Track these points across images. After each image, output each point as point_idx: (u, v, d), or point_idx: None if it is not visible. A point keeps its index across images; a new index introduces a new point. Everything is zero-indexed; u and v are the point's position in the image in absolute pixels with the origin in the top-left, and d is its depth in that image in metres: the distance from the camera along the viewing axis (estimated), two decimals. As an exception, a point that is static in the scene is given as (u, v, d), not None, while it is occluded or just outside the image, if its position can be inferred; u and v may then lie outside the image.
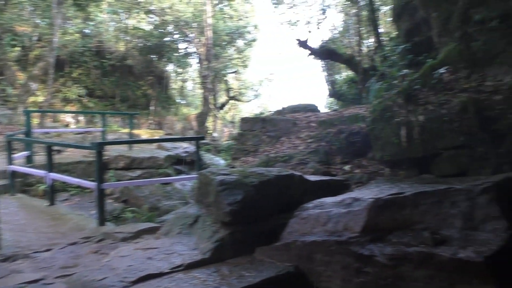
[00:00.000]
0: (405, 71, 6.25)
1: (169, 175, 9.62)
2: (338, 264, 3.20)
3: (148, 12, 21.06)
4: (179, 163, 10.92)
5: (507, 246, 2.72)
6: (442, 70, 5.86)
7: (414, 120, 5.50)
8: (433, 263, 2.75)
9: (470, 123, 4.98)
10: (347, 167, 6.91)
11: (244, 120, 11.20)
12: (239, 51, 25.88)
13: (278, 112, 13.15)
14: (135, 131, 14.39)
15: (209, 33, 20.42)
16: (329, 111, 14.68)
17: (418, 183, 4.09)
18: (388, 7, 15.27)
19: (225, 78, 26.79)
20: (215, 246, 3.85)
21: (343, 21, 19.43)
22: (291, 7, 19.46)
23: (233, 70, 27.11)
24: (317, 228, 3.63)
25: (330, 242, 3.30)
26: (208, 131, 22.20)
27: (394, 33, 13.38)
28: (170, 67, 24.63)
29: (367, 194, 3.72)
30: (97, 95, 18.88)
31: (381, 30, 15.63)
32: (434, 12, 7.08)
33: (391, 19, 12.51)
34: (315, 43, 19.81)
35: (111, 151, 10.06)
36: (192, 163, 10.13)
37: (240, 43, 25.41)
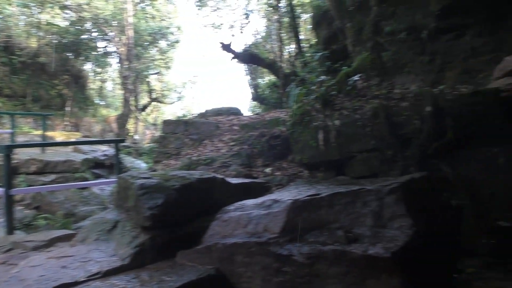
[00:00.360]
0: (323, 77, 6.55)
1: (86, 180, 9.20)
2: (258, 264, 3.27)
3: (63, 7, 19.96)
4: (97, 166, 10.49)
5: (411, 242, 2.95)
6: (356, 78, 6.22)
7: (331, 124, 5.77)
8: (346, 260, 2.91)
9: (380, 128, 5.33)
10: (268, 170, 7.07)
11: (167, 123, 11.04)
12: (162, 52, 25.39)
13: (201, 115, 13.11)
14: (49, 133, 13.55)
15: (130, 33, 19.84)
16: (251, 114, 14.91)
17: (334, 184, 4.28)
18: (308, 15, 15.82)
19: (147, 79, 26.12)
20: (135, 252, 3.76)
21: (266, 26, 19.81)
22: (215, 10, 19.52)
23: (156, 71, 26.53)
24: (238, 230, 3.68)
25: (251, 244, 3.37)
26: (129, 134, 21.53)
27: (313, 40, 13.91)
28: (88, 66, 23.56)
29: (287, 195, 3.84)
30: (5, 94, 17.47)
31: (301, 36, 16.15)
32: (349, 22, 7.49)
33: (311, 26, 12.99)
34: (238, 47, 20.00)
35: (21, 155, 9.39)
36: (112, 166, 9.79)
37: (163, 44, 24.94)
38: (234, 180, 5.33)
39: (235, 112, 13.12)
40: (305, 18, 16.99)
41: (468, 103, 4.91)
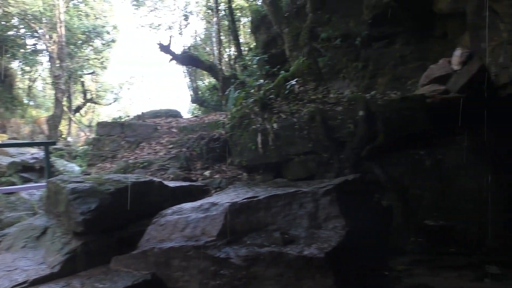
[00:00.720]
0: (261, 81, 6.63)
1: (13, 184, 8.70)
2: (195, 268, 3.25)
3: (-13, 1, 18.72)
4: (26, 170, 9.94)
5: (344, 242, 3.06)
6: (293, 82, 6.34)
7: (269, 127, 5.85)
8: (283, 261, 2.96)
9: (317, 131, 5.47)
10: (207, 173, 7.03)
11: (101, 125, 10.64)
12: (97, 51, 24.44)
13: (139, 117, 12.78)
14: (-29, 135, 12.66)
15: (62, 30, 18.94)
16: (191, 117, 14.75)
17: (272, 187, 4.35)
18: (247, 19, 15.94)
19: (81, 79, 25.05)
20: (66, 259, 3.61)
21: (205, 28, 19.73)
22: (153, 10, 19.15)
23: (90, 71, 25.52)
24: (175, 234, 3.63)
25: (188, 248, 3.33)
26: (62, 136, 20.53)
27: (253, 44, 14.05)
28: (15, 64, 22.21)
29: (225, 198, 3.84)
30: None
31: (241, 40, 16.24)
32: (286, 28, 7.65)
33: (250, 30, 13.12)
34: (177, 49, 19.73)
35: None
36: (42, 170, 9.32)
37: (98, 43, 24.04)
38: (172, 184, 5.25)
39: (174, 114, 12.93)
40: (245, 22, 17.12)
41: (397, 108, 5.17)
